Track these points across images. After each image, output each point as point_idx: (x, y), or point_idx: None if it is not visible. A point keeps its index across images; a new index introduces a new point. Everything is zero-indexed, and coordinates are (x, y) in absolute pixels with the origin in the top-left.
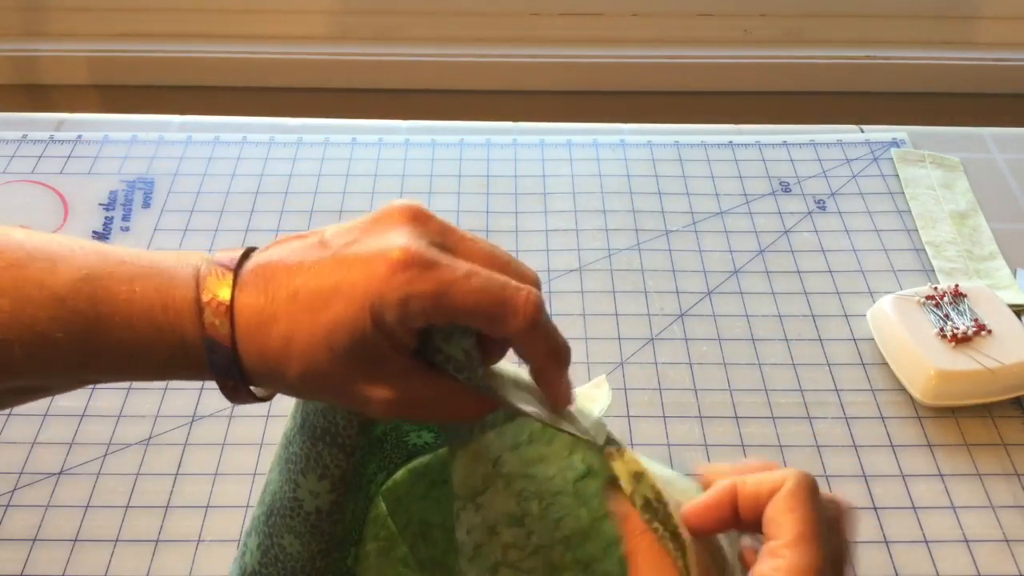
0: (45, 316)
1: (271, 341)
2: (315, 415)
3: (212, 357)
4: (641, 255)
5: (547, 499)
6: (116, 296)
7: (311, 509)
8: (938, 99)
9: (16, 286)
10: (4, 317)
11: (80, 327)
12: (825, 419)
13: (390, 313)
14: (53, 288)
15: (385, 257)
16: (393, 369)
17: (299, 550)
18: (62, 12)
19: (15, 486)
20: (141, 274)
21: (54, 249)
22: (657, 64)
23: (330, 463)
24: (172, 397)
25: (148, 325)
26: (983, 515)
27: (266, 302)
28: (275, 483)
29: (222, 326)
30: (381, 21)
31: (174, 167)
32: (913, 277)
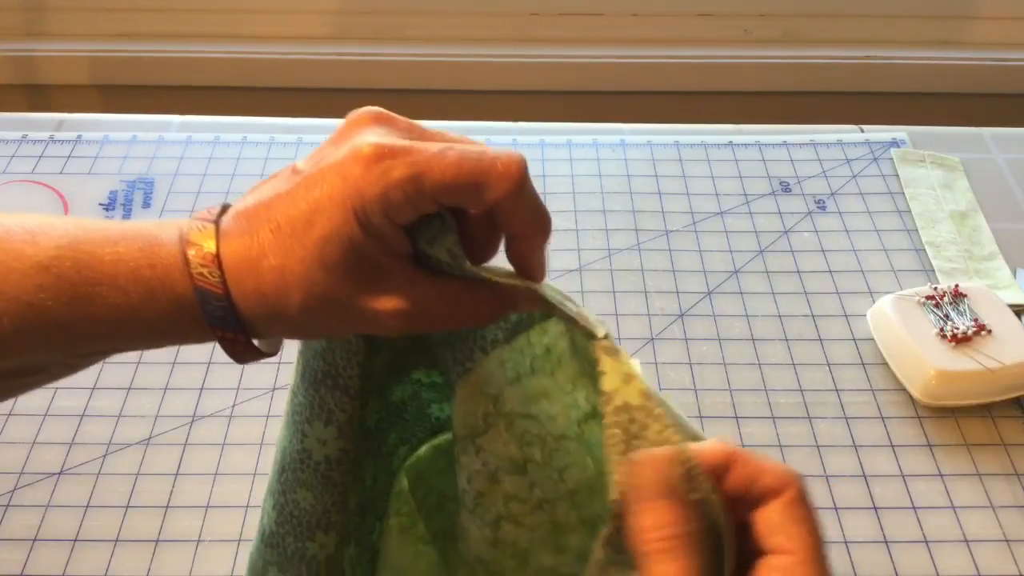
0: (31, 285)
1: (266, 277)
2: (314, 359)
3: (206, 308)
4: (641, 255)
5: (550, 444)
6: (100, 259)
7: (320, 458)
8: (938, 99)
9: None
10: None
11: (68, 293)
12: (825, 419)
13: (374, 210)
14: (35, 258)
15: (356, 157)
16: (394, 278)
17: (312, 503)
18: (62, 12)
19: (15, 486)
20: (123, 237)
21: (31, 224)
22: (657, 64)
23: (334, 407)
24: (172, 397)
25: (136, 285)
26: (983, 515)
27: (251, 241)
28: (284, 439)
29: (211, 275)
30: (381, 21)
31: (174, 167)
32: (913, 277)
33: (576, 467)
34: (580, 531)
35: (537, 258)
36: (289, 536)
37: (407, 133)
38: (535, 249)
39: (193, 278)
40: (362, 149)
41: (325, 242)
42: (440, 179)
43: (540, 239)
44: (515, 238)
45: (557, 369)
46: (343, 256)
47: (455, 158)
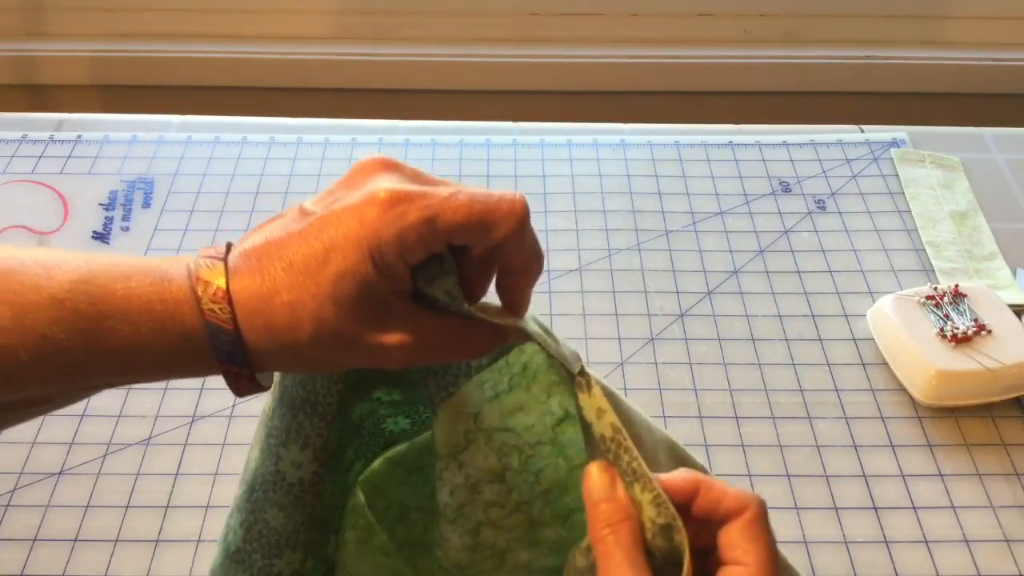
0: (46, 319)
1: (278, 313)
2: (294, 386)
3: (215, 343)
4: (641, 255)
5: (527, 451)
6: (113, 293)
7: (294, 480)
8: (938, 99)
9: (14, 291)
10: (6, 323)
11: (81, 327)
12: (825, 419)
13: (389, 251)
14: (50, 291)
15: (372, 201)
16: (400, 314)
17: (283, 522)
18: (62, 12)
19: (15, 486)
20: (135, 272)
21: (43, 258)
22: (657, 64)
23: (311, 432)
24: (172, 397)
25: (148, 319)
26: (983, 515)
27: (263, 279)
28: (256, 460)
29: (222, 311)
30: (381, 21)
31: (174, 167)
32: (913, 277)
33: (550, 468)
34: (554, 525)
35: (528, 294)
36: (256, 553)
37: (414, 179)
38: (528, 284)
39: (204, 314)
40: (378, 194)
41: (339, 279)
42: (452, 220)
43: (535, 275)
44: (512, 273)
45: (532, 383)
46: (356, 293)
47: (465, 200)
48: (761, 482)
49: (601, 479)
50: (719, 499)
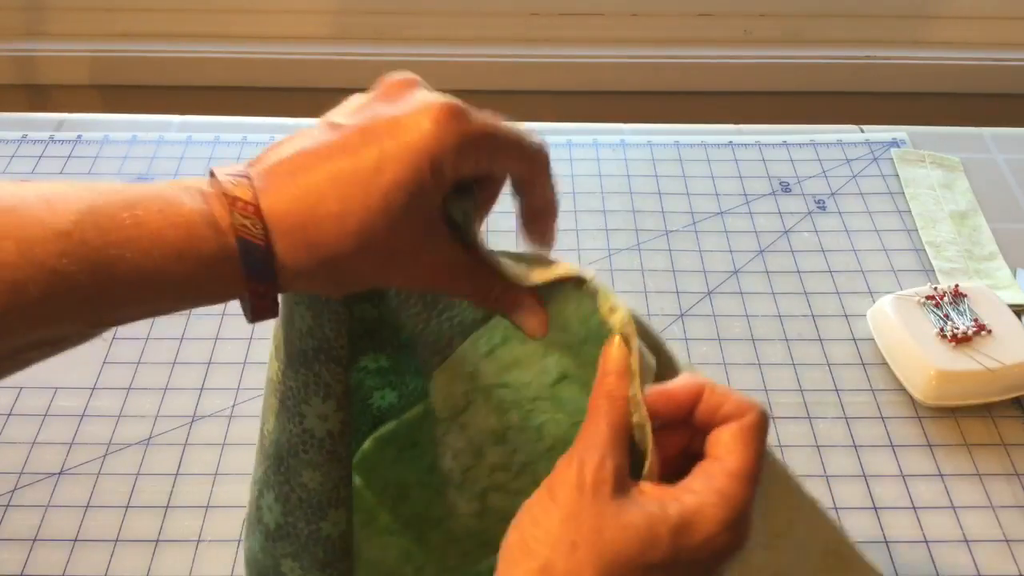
0: (55, 251)
1: (323, 225)
2: (301, 340)
3: (247, 260)
4: (641, 255)
5: (526, 406)
6: (121, 223)
7: (323, 435)
8: (938, 99)
9: (18, 226)
10: (13, 258)
11: (92, 258)
12: (825, 419)
13: (448, 160)
14: (55, 225)
15: (429, 112)
16: (440, 233)
17: (321, 481)
18: (62, 12)
19: (15, 486)
20: (140, 200)
21: (45, 191)
22: (657, 64)
23: (331, 380)
24: (172, 397)
25: (160, 246)
26: (983, 515)
27: (303, 192)
28: (275, 430)
29: (254, 226)
30: (381, 21)
31: (174, 167)
32: (913, 277)
33: (551, 423)
34: None
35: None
36: (300, 522)
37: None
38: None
39: (236, 230)
40: (436, 104)
41: (394, 188)
42: (504, 141)
43: (556, 211)
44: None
45: (527, 338)
46: (409, 203)
47: (507, 124)
48: None
49: (618, 353)
50: (720, 403)
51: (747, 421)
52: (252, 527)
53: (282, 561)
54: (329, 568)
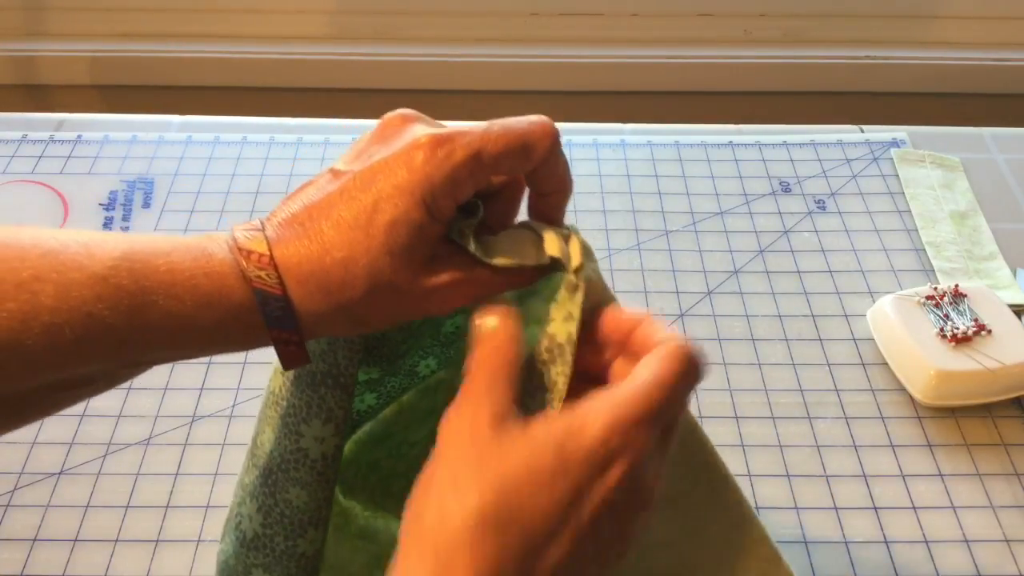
0: (91, 295)
1: (331, 271)
2: (314, 360)
3: (265, 309)
4: (641, 255)
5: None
6: (156, 269)
7: (317, 456)
8: (938, 99)
9: (57, 271)
10: (50, 301)
11: (126, 303)
12: (825, 419)
13: (441, 192)
14: (92, 269)
15: (417, 147)
16: (446, 257)
17: (306, 501)
18: (62, 12)
19: (15, 486)
20: (174, 248)
21: (84, 237)
22: (657, 64)
23: (334, 405)
24: (172, 397)
25: (192, 294)
26: (983, 515)
27: (311, 241)
28: (270, 442)
29: (269, 276)
30: (381, 21)
31: (174, 167)
32: (913, 277)
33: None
34: None
35: (563, 213)
36: (279, 536)
37: (443, 125)
38: (563, 204)
39: (251, 281)
40: (421, 139)
41: (391, 228)
42: (495, 150)
43: (568, 194)
44: (547, 196)
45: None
46: (408, 240)
47: (501, 130)
48: (761, 482)
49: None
50: (656, 332)
51: (664, 349)
52: (229, 531)
53: (253, 570)
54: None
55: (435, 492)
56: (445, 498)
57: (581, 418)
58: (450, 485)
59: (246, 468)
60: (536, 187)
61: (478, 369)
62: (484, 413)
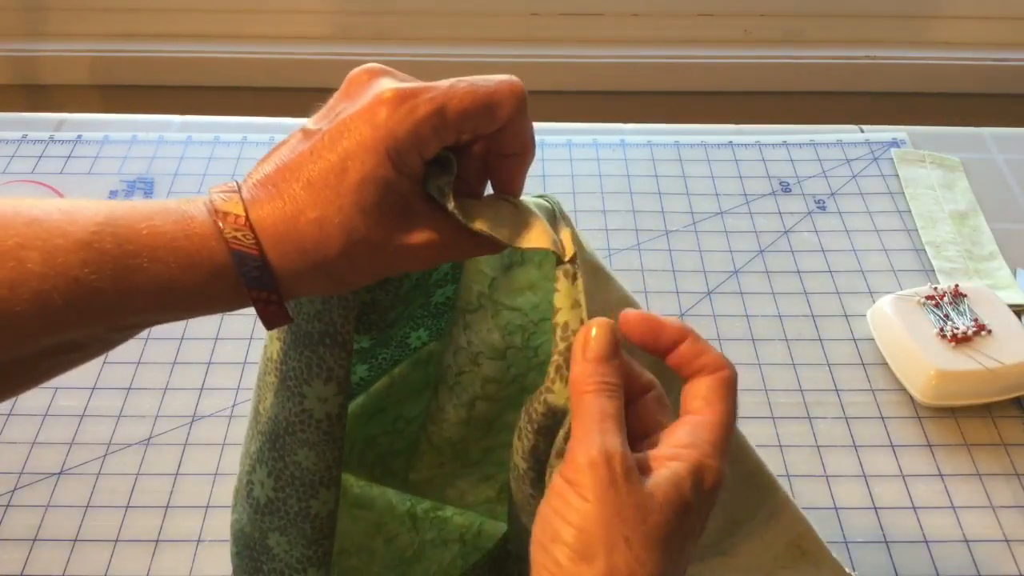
0: (76, 260)
1: (305, 232)
2: (308, 322)
3: (243, 270)
4: (641, 255)
5: (530, 328)
6: (138, 232)
7: (322, 416)
8: (938, 99)
9: (41, 238)
10: (37, 268)
11: (111, 267)
12: (825, 419)
13: (406, 148)
14: (76, 235)
15: (380, 102)
16: (421, 212)
17: (315, 461)
18: (62, 12)
19: (15, 486)
20: (155, 212)
21: (65, 205)
22: (657, 64)
23: (334, 364)
24: (172, 397)
25: (175, 256)
26: (983, 515)
27: (284, 203)
28: (273, 407)
29: (245, 238)
30: (381, 21)
31: (174, 167)
32: (913, 277)
33: (548, 342)
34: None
35: (524, 178)
36: (292, 498)
37: (411, 80)
38: (524, 168)
39: (228, 243)
40: (384, 94)
41: (360, 186)
42: (460, 107)
43: (530, 158)
44: (507, 157)
45: (545, 260)
46: (379, 197)
47: (467, 87)
48: None
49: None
50: (700, 352)
51: (725, 376)
52: (241, 500)
53: (269, 535)
54: (315, 545)
55: (597, 540)
56: (616, 553)
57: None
58: (622, 543)
59: (250, 436)
60: (499, 147)
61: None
62: (628, 454)
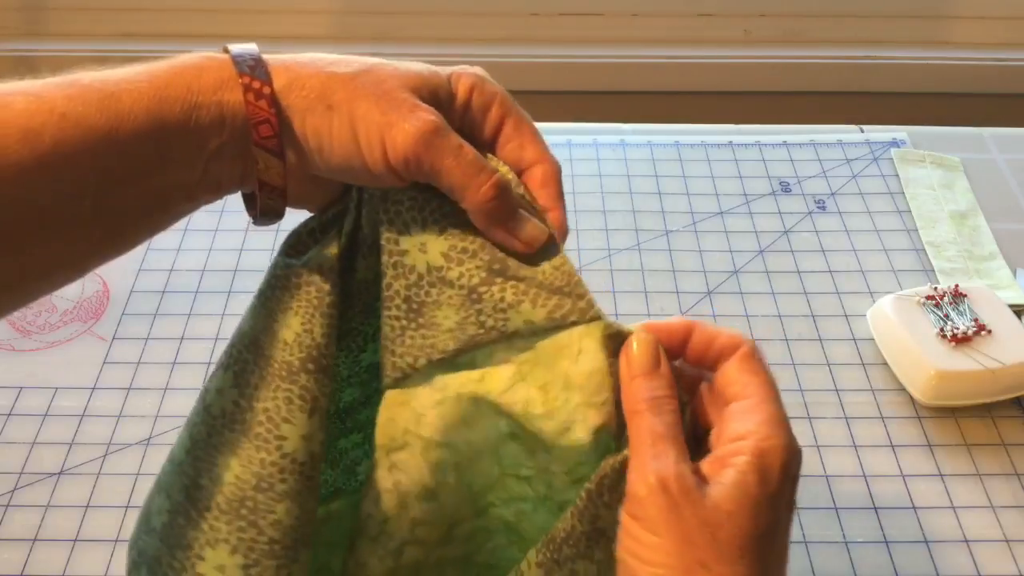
0: (60, 96)
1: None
2: (287, 350)
3: (239, 59)
4: (641, 255)
5: (464, 466)
6: (119, 71)
7: (304, 458)
8: (938, 99)
9: (27, 84)
10: (23, 106)
11: (96, 96)
12: (825, 419)
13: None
14: (56, 80)
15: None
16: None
17: (297, 515)
18: (62, 12)
19: (15, 486)
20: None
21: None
22: (657, 64)
23: (318, 392)
24: (172, 397)
25: (156, 72)
26: (983, 515)
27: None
28: (235, 468)
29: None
30: (381, 21)
31: None
32: (913, 277)
33: (483, 476)
34: (471, 519)
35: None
36: (268, 572)
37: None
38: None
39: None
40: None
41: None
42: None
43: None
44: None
45: (484, 396)
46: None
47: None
48: None
49: (640, 353)
50: (713, 337)
51: (745, 351)
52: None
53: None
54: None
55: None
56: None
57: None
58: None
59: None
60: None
61: (656, 419)
62: (685, 470)
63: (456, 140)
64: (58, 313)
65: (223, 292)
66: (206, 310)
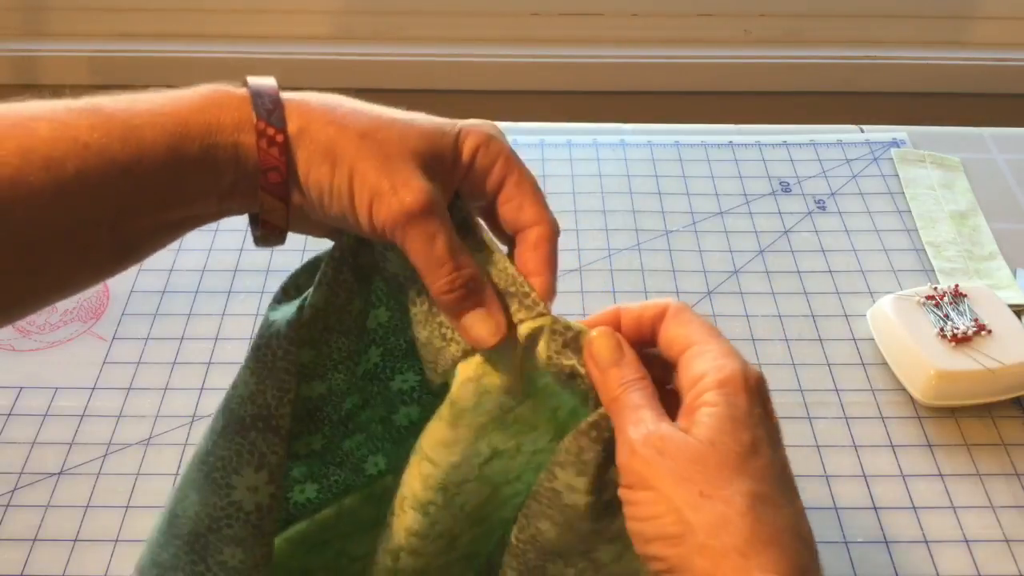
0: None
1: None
2: (241, 405)
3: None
4: (641, 255)
5: (452, 489)
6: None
7: (251, 508)
8: (938, 99)
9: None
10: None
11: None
12: (825, 419)
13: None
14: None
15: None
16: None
17: (243, 559)
18: (62, 12)
19: (15, 486)
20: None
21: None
22: (657, 64)
23: (266, 450)
24: (172, 397)
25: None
26: (983, 515)
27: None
28: (195, 505)
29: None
30: (382, 21)
31: None
32: (913, 277)
33: (474, 496)
34: (470, 533)
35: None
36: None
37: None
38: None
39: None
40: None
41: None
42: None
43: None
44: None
45: (459, 421)
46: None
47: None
48: None
49: (605, 345)
50: (639, 313)
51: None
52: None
53: None
54: None
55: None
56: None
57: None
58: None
59: (161, 543)
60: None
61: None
62: (662, 423)
63: (433, 227)
64: (58, 313)
65: (223, 292)
66: (206, 310)
